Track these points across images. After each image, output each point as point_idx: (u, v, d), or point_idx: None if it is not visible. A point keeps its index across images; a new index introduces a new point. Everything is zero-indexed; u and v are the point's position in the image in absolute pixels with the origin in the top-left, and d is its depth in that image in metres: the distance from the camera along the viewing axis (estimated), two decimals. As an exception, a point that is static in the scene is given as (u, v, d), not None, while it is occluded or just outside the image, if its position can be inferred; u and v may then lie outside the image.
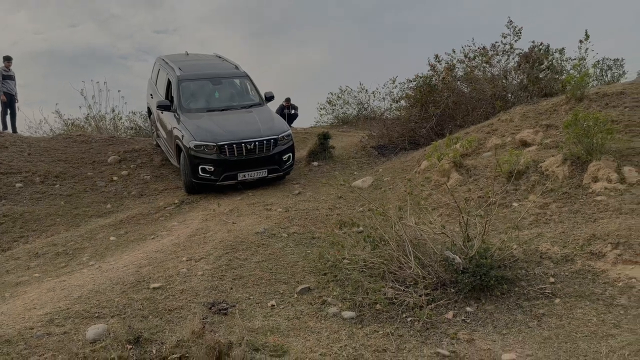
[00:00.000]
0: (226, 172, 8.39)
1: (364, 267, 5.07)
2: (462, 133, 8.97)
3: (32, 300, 4.96)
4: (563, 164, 6.48)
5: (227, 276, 5.11)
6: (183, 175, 8.77)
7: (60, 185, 9.22)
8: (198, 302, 4.60)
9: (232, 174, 8.43)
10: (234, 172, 8.43)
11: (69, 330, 4.13)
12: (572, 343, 3.75)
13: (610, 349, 3.60)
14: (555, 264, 4.95)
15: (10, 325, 4.28)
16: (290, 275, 5.21)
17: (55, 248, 7.06)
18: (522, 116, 8.47)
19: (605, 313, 4.14)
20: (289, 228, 6.57)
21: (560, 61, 11.16)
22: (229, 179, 8.46)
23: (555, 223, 5.74)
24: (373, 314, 4.31)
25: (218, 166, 8.35)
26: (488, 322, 4.17)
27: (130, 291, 4.83)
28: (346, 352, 3.68)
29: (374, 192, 8.25)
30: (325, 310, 4.41)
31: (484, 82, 10.46)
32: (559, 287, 4.58)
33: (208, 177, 8.39)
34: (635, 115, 7.30)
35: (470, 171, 7.28)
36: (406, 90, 11.68)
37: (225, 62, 10.54)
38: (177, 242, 6.40)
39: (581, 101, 8.10)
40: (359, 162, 10.44)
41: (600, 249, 4.93)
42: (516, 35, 10.49)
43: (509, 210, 6.29)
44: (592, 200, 5.88)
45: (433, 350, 3.68)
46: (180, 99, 9.19)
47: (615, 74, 11.16)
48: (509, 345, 3.77)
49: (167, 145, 9.73)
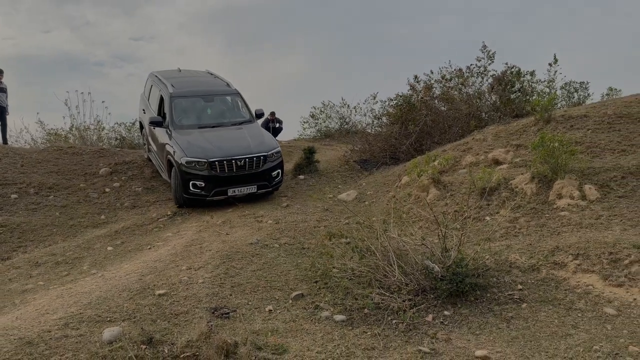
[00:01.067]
0: (216, 188, 8.69)
1: (352, 275, 5.56)
2: (440, 151, 9.58)
3: (43, 306, 5.31)
4: (531, 181, 7.10)
5: (226, 284, 5.54)
6: (174, 190, 9.03)
7: (54, 196, 9.51)
8: (201, 307, 5.02)
9: (222, 190, 8.74)
10: (224, 188, 8.73)
11: (85, 333, 4.52)
12: (535, 342, 4.30)
13: (568, 346, 4.15)
14: (523, 272, 5.52)
15: (27, 328, 4.64)
16: (284, 282, 5.67)
17: (54, 257, 7.37)
18: (495, 136, 9.13)
19: (565, 316, 4.71)
20: (280, 239, 7.03)
21: (531, 83, 11.94)
22: (219, 194, 8.76)
23: (523, 236, 6.34)
24: (362, 317, 4.80)
25: (209, 182, 8.64)
26: (463, 324, 4.70)
27: (137, 297, 5.23)
28: (339, 350, 4.16)
29: (358, 205, 8.77)
30: (319, 314, 4.88)
31: (460, 102, 11.14)
32: (525, 293, 5.14)
33: (199, 192, 8.68)
34: (597, 138, 8.00)
35: (447, 187, 7.87)
36: (387, 107, 12.29)
37: (217, 79, 10.87)
38: (174, 252, 6.80)
39: (548, 123, 8.80)
40: (342, 176, 10.97)
41: (562, 259, 5.52)
42: (490, 59, 11.22)
43: (482, 223, 6.88)
44: (556, 215, 6.50)
45: (415, 348, 4.18)
46: (173, 116, 9.49)
47: (581, 95, 11.96)
48: (481, 343, 4.30)
49: (159, 160, 10.01)
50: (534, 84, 12.10)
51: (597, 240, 5.59)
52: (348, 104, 17.16)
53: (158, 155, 10.02)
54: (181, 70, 11.20)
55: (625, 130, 8.01)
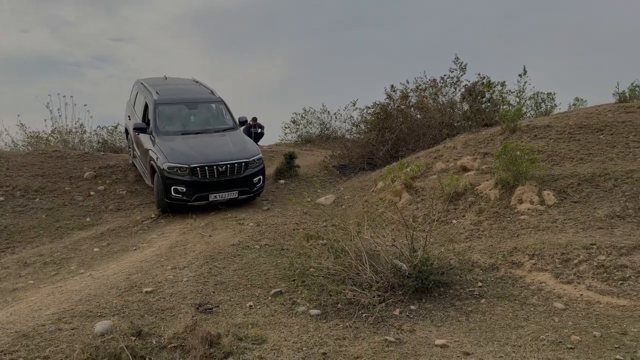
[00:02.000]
0: (198, 193, 8.85)
1: (328, 274, 5.98)
2: (413, 157, 10.09)
3: (35, 303, 5.62)
4: (495, 187, 7.63)
5: (210, 282, 5.92)
6: (156, 195, 9.18)
7: (40, 199, 9.75)
8: (186, 303, 5.39)
9: (204, 195, 8.90)
10: (205, 193, 8.90)
11: (77, 327, 4.86)
12: (490, 332, 4.77)
13: (518, 336, 4.64)
14: (484, 271, 6.02)
15: (22, 323, 4.96)
16: (264, 281, 6.06)
17: (42, 258, 7.65)
18: (464, 144, 9.67)
19: (519, 310, 5.20)
20: (260, 240, 7.42)
21: (502, 93, 12.55)
22: (201, 199, 8.91)
23: (485, 237, 6.85)
24: (335, 311, 5.22)
25: (190, 187, 8.80)
26: (427, 317, 5.16)
27: (126, 294, 5.57)
28: (313, 340, 4.58)
29: (335, 208, 9.21)
30: (295, 309, 5.29)
31: (434, 111, 11.67)
32: (485, 290, 5.63)
33: (180, 197, 8.83)
34: (558, 147, 8.58)
35: (418, 192, 8.36)
36: (365, 115, 12.78)
37: (201, 86, 11.13)
38: (159, 253, 7.15)
39: (514, 132, 9.37)
40: (322, 181, 11.40)
41: (519, 259, 6.04)
42: (462, 70, 11.79)
43: (449, 226, 7.37)
44: (517, 219, 7.03)
45: (382, 338, 4.62)
46: (156, 122, 9.67)
47: (548, 105, 12.60)
48: (442, 334, 4.75)
49: (143, 166, 10.19)
50: (504, 95, 12.72)
51: (551, 242, 6.12)
52: (328, 110, 17.63)
53: (142, 160, 10.19)
54: (167, 78, 11.44)
55: (584, 140, 8.61)
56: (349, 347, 4.48)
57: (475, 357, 4.26)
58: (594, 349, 4.30)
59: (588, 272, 5.54)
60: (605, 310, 4.99)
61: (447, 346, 4.47)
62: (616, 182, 7.15)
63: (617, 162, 7.72)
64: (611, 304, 5.07)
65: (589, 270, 5.56)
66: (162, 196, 8.93)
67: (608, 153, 8.11)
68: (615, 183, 7.14)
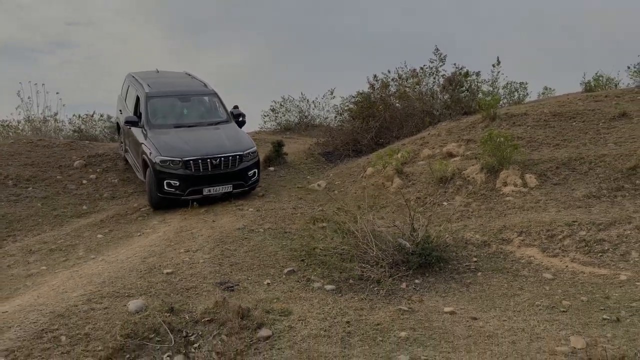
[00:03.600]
0: (191, 187, 8.73)
1: (334, 253, 6.41)
2: (399, 144, 10.59)
3: (58, 286, 5.84)
4: (481, 171, 8.20)
5: (225, 263, 6.26)
6: (148, 189, 9.04)
7: (33, 188, 9.79)
8: (207, 282, 5.73)
9: (197, 189, 8.78)
10: (199, 187, 8.78)
11: (109, 306, 5.13)
12: (490, 300, 5.31)
13: (516, 303, 5.19)
14: (477, 247, 6.57)
15: (53, 304, 5.20)
16: (275, 261, 6.44)
17: (47, 245, 7.79)
18: (448, 131, 10.23)
19: (513, 281, 5.77)
20: (263, 225, 7.76)
21: (477, 83, 13.18)
22: (194, 193, 8.79)
23: (475, 217, 7.41)
24: (348, 286, 5.66)
25: (183, 181, 8.68)
26: (432, 289, 5.66)
27: (147, 276, 5.86)
28: (334, 311, 5.01)
29: (328, 193, 9.62)
30: (311, 285, 5.71)
31: (415, 100, 12.20)
32: (480, 264, 6.18)
33: (173, 191, 8.71)
34: (535, 133, 9.23)
35: (409, 177, 8.87)
36: (348, 104, 13.19)
37: (194, 79, 11.05)
38: (166, 237, 7.41)
39: (494, 120, 9.98)
40: (309, 168, 11.79)
41: (508, 236, 6.62)
42: (441, 61, 12.33)
43: (441, 208, 7.91)
44: (503, 200, 7.62)
45: (396, 307, 5.09)
46: (148, 115, 9.56)
47: (520, 94, 13.32)
48: (448, 303, 5.26)
49: (135, 160, 10.11)
50: (479, 84, 13.36)
51: (536, 220, 6.72)
52: (307, 98, 17.96)
53: (133, 154, 10.10)
54: (159, 71, 11.35)
55: (559, 127, 9.29)
56: (368, 316, 4.93)
57: (482, 321, 4.78)
58: (583, 312, 4.89)
59: (571, 246, 6.16)
60: (588, 278, 5.61)
61: (455, 313, 4.98)
62: (590, 166, 7.83)
63: (590, 147, 8.41)
64: (593, 273, 5.69)
65: (572, 244, 6.18)
66: (155, 191, 8.79)
67: (581, 139, 8.80)
68: (589, 166, 7.81)
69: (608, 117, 9.29)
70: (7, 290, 6.19)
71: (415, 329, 4.65)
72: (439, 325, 4.72)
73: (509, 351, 4.18)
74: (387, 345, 4.38)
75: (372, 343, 4.42)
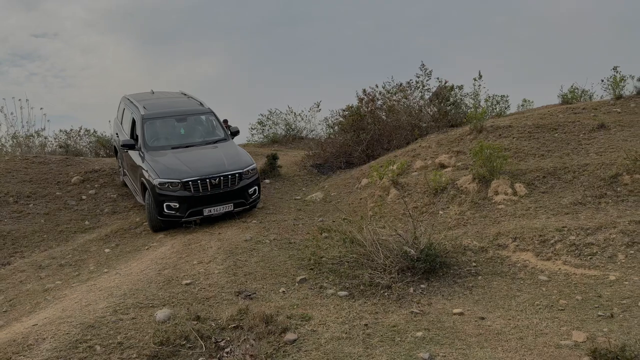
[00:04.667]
0: (191, 208, 8.61)
1: (341, 262, 6.76)
2: (392, 156, 11.03)
3: (80, 299, 6.03)
4: (473, 181, 8.67)
5: (239, 273, 6.54)
6: (148, 213, 8.92)
7: (33, 204, 9.89)
8: (226, 291, 6.01)
9: (198, 210, 8.66)
10: (199, 208, 8.65)
11: (136, 316, 5.38)
12: (494, 302, 5.73)
13: (517, 303, 5.61)
14: (475, 253, 6.99)
15: (80, 316, 5.41)
16: (285, 270, 6.74)
17: (56, 261, 7.94)
18: (437, 143, 10.72)
19: (511, 283, 6.20)
20: (268, 236, 8.06)
21: (460, 96, 13.77)
22: (195, 214, 8.67)
23: (471, 225, 7.85)
24: (359, 292, 6.00)
25: (183, 202, 8.55)
26: (437, 293, 6.05)
27: (167, 287, 6.11)
28: (352, 315, 5.35)
29: (326, 205, 9.98)
30: (324, 292, 6.04)
31: (403, 113, 12.69)
32: (479, 269, 6.60)
33: (173, 213, 8.60)
34: (521, 145, 9.77)
35: (404, 187, 9.29)
36: (338, 117, 13.62)
37: (190, 99, 10.91)
38: (175, 250, 7.66)
39: (481, 132, 10.50)
40: (303, 179, 12.13)
41: (504, 242, 7.06)
42: (427, 76, 12.88)
43: (437, 216, 8.34)
44: (495, 208, 8.09)
45: (408, 310, 5.46)
46: (145, 137, 9.47)
47: (502, 107, 13.93)
48: (455, 305, 5.65)
49: (133, 184, 9.97)
50: (462, 97, 13.95)
51: (529, 227, 7.20)
52: (294, 111, 18.34)
53: (132, 178, 9.96)
54: (154, 92, 11.32)
55: (543, 139, 9.85)
56: (383, 319, 5.29)
57: (489, 320, 5.19)
58: (579, 309, 5.33)
59: (563, 250, 6.63)
60: (581, 279, 6.07)
61: (463, 314, 5.37)
62: (574, 175, 8.37)
63: (573, 157, 8.97)
64: (585, 274, 6.16)
65: (563, 248, 6.65)
66: (155, 214, 8.69)
67: (564, 149, 9.37)
68: (574, 175, 8.35)
69: (587, 128, 9.90)
70: (28, 304, 6.36)
71: (429, 329, 5.02)
72: (450, 326, 5.10)
73: (518, 346, 4.58)
74: (406, 344, 4.73)
75: (392, 343, 4.78)
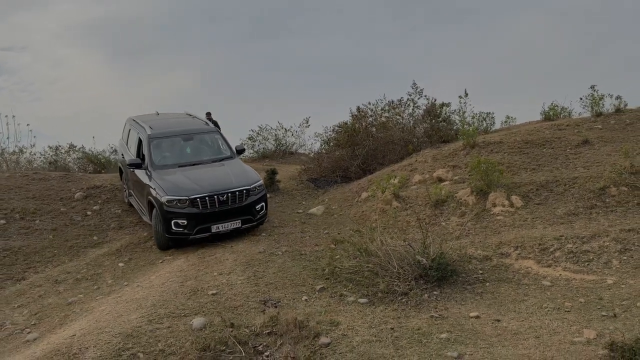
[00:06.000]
0: (199, 225, 8.63)
1: (355, 271, 7.11)
2: (389, 171, 11.49)
3: (109, 311, 6.23)
4: (471, 194, 9.16)
5: (260, 283, 6.83)
6: (155, 231, 8.94)
7: (40, 220, 9.97)
8: (251, 300, 6.29)
9: (206, 227, 8.68)
10: (207, 225, 8.67)
11: (171, 325, 5.62)
12: (505, 305, 6.15)
13: (526, 307, 6.04)
14: (480, 262, 7.44)
15: (117, 327, 5.63)
16: (302, 280, 7.05)
17: (71, 275, 8.08)
18: (433, 158, 11.23)
19: (517, 289, 6.64)
20: (280, 248, 8.37)
21: (448, 113, 14.38)
22: (203, 231, 8.68)
23: (473, 235, 8.32)
24: (378, 299, 6.36)
25: (191, 220, 8.58)
26: (451, 298, 6.44)
27: (194, 297, 6.36)
28: (377, 320, 5.70)
29: (328, 218, 10.34)
30: (345, 299, 6.37)
31: (396, 129, 13.21)
32: (486, 276, 7.03)
33: (181, 231, 8.61)
34: (513, 159, 10.34)
35: (405, 200, 9.73)
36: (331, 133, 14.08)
37: (195, 119, 11.11)
38: (192, 263, 7.90)
39: (473, 148, 11.06)
40: (301, 194, 12.47)
41: (506, 250, 7.53)
42: (418, 94, 13.46)
43: (439, 227, 8.78)
44: (494, 219, 8.58)
45: (428, 315, 5.84)
46: (152, 156, 9.55)
47: (488, 124, 14.57)
48: (470, 309, 6.06)
49: (139, 203, 10.00)
50: (449, 114, 14.56)
51: (528, 236, 7.69)
52: (285, 127, 18.74)
53: (138, 197, 9.99)
54: (159, 114, 11.44)
55: (532, 154, 10.45)
56: (407, 323, 5.65)
57: (504, 322, 5.60)
58: (584, 310, 5.80)
59: (562, 257, 7.13)
60: (581, 284, 6.56)
61: (479, 317, 5.78)
62: (565, 187, 8.94)
63: (562, 171, 9.57)
64: (584, 279, 6.65)
65: (562, 256, 7.15)
66: (163, 232, 8.71)
67: (553, 164, 9.97)
68: (565, 188, 8.93)
69: (573, 144, 10.55)
70: (56, 317, 6.52)
71: (451, 331, 5.41)
72: (470, 327, 5.50)
73: (536, 344, 5.00)
74: (433, 345, 5.11)
75: (419, 344, 5.14)
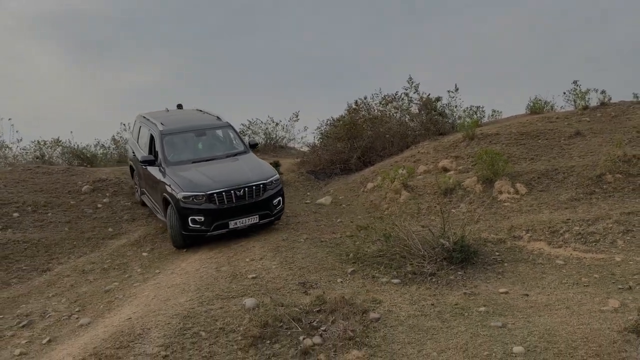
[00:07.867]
0: (217, 221, 8.46)
1: (380, 255, 7.49)
2: (392, 162, 11.92)
3: (154, 296, 6.44)
4: (478, 182, 9.68)
5: (293, 267, 7.13)
6: (170, 229, 8.71)
7: (52, 213, 9.97)
8: (291, 283, 6.59)
9: (223, 223, 8.51)
10: (224, 221, 8.51)
11: (223, 306, 5.89)
12: (527, 282, 6.64)
13: (548, 282, 6.55)
14: (495, 244, 7.93)
15: (170, 309, 5.86)
16: (331, 264, 7.38)
17: (97, 265, 8.19)
18: (434, 149, 11.72)
19: (534, 268, 7.15)
20: (300, 236, 8.67)
21: (441, 107, 14.92)
22: (220, 227, 8.50)
23: (483, 221, 8.82)
24: (410, 279, 6.75)
25: (208, 215, 8.40)
26: (475, 278, 6.90)
27: (236, 281, 6.63)
28: (415, 297, 6.10)
29: (337, 207, 10.69)
30: (379, 280, 6.74)
31: (394, 123, 13.65)
32: (503, 257, 7.52)
33: (199, 227, 8.43)
34: (511, 150, 10.91)
35: (414, 189, 10.17)
36: (331, 127, 14.41)
37: (206, 114, 10.89)
38: (218, 250, 8.13)
39: (473, 139, 11.59)
40: (304, 185, 12.78)
41: (518, 234, 8.05)
42: (415, 89, 13.95)
43: (449, 215, 9.25)
44: (502, 205, 9.11)
45: (461, 292, 6.27)
46: (165, 153, 9.35)
47: (479, 117, 15.17)
48: (497, 287, 6.51)
49: (153, 201, 9.83)
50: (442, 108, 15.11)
51: (537, 220, 8.24)
52: (276, 122, 18.97)
53: (152, 195, 9.80)
54: (169, 110, 11.32)
55: (529, 145, 11.05)
56: (444, 299, 6.07)
57: (532, 296, 6.09)
58: (601, 285, 6.34)
59: (571, 239, 7.69)
60: (592, 262, 7.12)
61: (508, 292, 6.25)
62: (565, 175, 9.55)
63: (560, 160, 10.19)
64: (594, 257, 7.22)
65: (571, 237, 7.72)
66: (179, 229, 8.52)
67: (550, 154, 10.59)
68: (564, 176, 9.54)
69: (566, 135, 11.20)
70: (100, 304, 6.68)
71: (487, 305, 5.85)
72: (503, 302, 5.96)
73: (569, 313, 5.49)
74: (475, 317, 5.54)
75: (463, 317, 5.57)
